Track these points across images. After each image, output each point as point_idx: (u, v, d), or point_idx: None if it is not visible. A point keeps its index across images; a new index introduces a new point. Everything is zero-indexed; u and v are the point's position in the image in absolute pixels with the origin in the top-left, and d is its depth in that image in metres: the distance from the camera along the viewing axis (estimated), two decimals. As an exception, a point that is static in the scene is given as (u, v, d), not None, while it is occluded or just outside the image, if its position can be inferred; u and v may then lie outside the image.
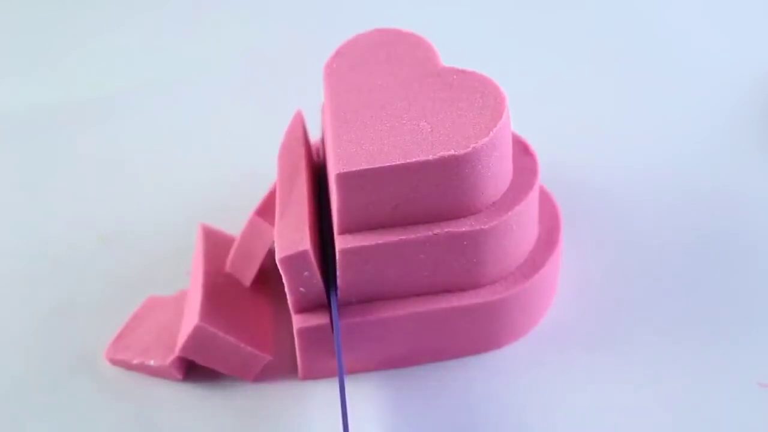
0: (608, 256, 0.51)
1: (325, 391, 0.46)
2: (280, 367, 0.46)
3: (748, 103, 0.60)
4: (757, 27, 0.67)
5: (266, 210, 0.48)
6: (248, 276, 0.49)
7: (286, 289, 0.43)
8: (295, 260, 0.42)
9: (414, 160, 0.41)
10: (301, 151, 0.48)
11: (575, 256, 0.51)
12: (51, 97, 0.65)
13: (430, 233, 0.42)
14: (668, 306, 0.49)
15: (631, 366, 0.46)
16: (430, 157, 0.41)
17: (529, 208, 0.45)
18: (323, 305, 0.45)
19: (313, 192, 0.47)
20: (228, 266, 0.49)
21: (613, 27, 0.68)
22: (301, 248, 0.42)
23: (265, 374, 0.47)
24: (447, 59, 0.46)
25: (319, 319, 0.44)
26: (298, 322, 0.44)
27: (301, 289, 0.43)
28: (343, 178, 0.41)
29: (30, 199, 0.58)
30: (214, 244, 0.50)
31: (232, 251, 0.49)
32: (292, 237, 0.43)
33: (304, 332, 0.44)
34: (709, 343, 0.47)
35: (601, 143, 0.58)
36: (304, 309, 0.45)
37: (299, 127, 0.49)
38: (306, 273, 0.43)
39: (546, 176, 0.48)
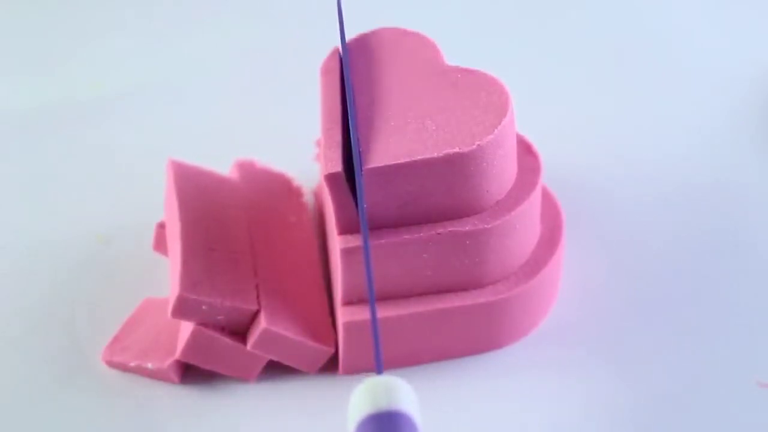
0: (610, 256, 0.51)
1: (325, 391, 0.46)
2: (278, 368, 0.46)
3: (748, 103, 0.60)
4: (757, 27, 0.67)
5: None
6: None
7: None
8: (181, 307, 0.44)
9: (419, 158, 0.41)
10: (174, 202, 0.48)
11: (577, 256, 0.51)
12: (51, 97, 0.64)
13: (434, 233, 0.43)
14: (669, 306, 0.49)
15: (632, 366, 0.46)
16: (435, 155, 0.41)
17: (531, 207, 0.45)
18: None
19: (189, 236, 0.47)
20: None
21: (615, 27, 0.68)
22: (177, 294, 0.44)
23: (264, 375, 0.46)
24: (451, 58, 0.46)
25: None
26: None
27: (219, 317, 0.44)
28: (347, 177, 0.41)
29: (29, 199, 0.57)
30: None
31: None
32: (172, 292, 0.45)
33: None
34: (709, 343, 0.47)
35: (603, 143, 0.58)
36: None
37: (170, 179, 0.49)
38: (204, 307, 0.44)
39: (548, 176, 0.48)
